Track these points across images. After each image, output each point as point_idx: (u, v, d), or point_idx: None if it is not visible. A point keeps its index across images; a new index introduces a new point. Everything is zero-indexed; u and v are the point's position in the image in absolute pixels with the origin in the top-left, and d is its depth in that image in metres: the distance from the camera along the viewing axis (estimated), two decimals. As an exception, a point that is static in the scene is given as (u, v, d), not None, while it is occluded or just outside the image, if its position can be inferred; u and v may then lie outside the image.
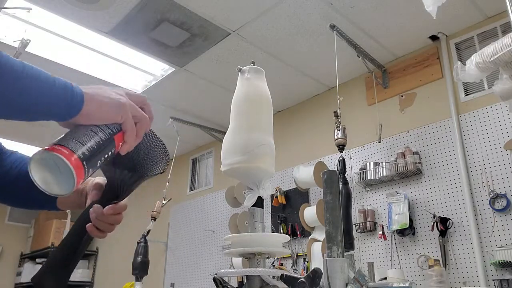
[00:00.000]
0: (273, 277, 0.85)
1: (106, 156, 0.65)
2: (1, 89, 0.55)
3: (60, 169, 0.58)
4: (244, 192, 0.97)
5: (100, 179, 0.86)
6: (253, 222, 0.95)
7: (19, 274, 6.30)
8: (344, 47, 3.12)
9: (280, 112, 4.23)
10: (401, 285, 2.37)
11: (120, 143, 0.68)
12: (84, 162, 0.60)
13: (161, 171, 0.81)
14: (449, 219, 2.75)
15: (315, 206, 3.16)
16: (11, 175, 0.91)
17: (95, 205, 0.79)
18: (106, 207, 0.78)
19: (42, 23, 3.01)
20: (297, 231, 3.56)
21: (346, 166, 2.87)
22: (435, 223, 2.76)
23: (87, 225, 0.79)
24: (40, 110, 0.59)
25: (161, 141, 0.85)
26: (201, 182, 4.99)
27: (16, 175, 0.91)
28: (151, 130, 0.84)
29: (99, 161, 0.63)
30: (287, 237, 0.94)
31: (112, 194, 0.79)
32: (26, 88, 0.57)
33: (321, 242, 3.06)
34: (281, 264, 3.60)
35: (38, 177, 0.59)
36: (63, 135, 0.63)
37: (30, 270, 6.14)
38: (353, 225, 2.92)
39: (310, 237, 3.19)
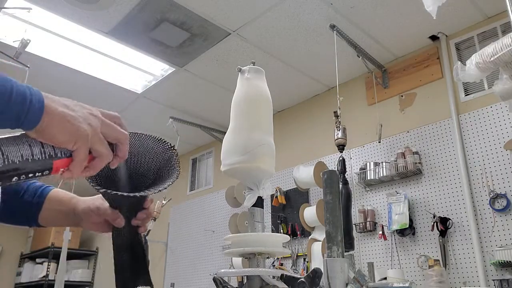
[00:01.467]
0: (273, 277, 0.85)
1: (30, 175, 0.58)
2: None
3: None
4: (244, 192, 0.97)
5: (101, 203, 0.88)
6: (253, 222, 0.95)
7: (19, 274, 6.30)
8: (344, 47, 3.12)
9: (280, 112, 4.23)
10: (401, 285, 2.37)
11: (62, 169, 0.61)
12: None
13: (171, 183, 0.80)
14: (449, 219, 2.75)
15: (315, 206, 3.17)
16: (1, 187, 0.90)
17: (139, 214, 0.83)
18: (140, 214, 0.83)
19: (42, 23, 3.01)
20: (297, 231, 3.56)
21: (346, 166, 2.88)
22: (435, 223, 2.76)
23: (139, 229, 0.83)
24: None
25: (174, 155, 0.84)
26: (201, 182, 4.99)
27: (6, 187, 0.90)
28: (167, 144, 0.83)
29: (16, 178, 0.57)
30: (287, 237, 0.94)
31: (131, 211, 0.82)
32: None
33: (321, 242, 3.06)
34: (281, 264, 3.60)
35: None
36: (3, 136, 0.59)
37: (30, 270, 6.14)
38: (353, 225, 2.92)
39: (310, 237, 3.19)
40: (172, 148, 0.83)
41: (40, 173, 0.59)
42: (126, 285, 0.81)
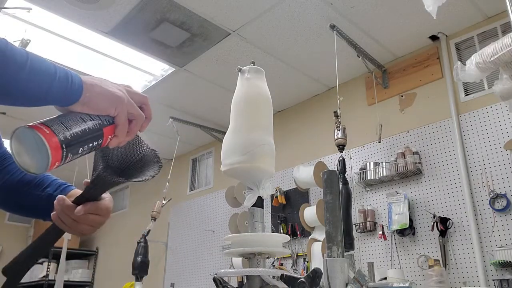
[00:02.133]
0: (273, 277, 0.85)
1: (90, 145, 0.65)
2: (4, 80, 0.56)
3: (39, 148, 0.59)
4: (244, 192, 0.97)
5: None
6: (253, 222, 0.95)
7: (19, 274, 6.29)
8: (344, 47, 3.12)
9: (280, 112, 4.23)
10: (401, 285, 2.37)
11: (110, 137, 0.68)
12: (64, 145, 0.60)
13: (146, 179, 0.80)
14: (449, 219, 2.75)
15: (315, 206, 3.17)
16: (13, 180, 0.91)
17: (59, 196, 0.80)
18: (80, 207, 0.78)
19: (42, 23, 3.01)
20: (297, 231, 3.56)
21: (346, 166, 2.88)
22: (435, 223, 2.76)
23: (52, 213, 0.80)
24: (41, 99, 0.61)
25: (154, 152, 0.84)
26: (201, 182, 4.99)
27: (18, 181, 0.91)
28: (142, 141, 0.83)
29: (81, 149, 0.64)
30: (287, 237, 0.94)
31: (92, 192, 0.80)
32: (29, 81, 0.59)
33: (321, 242, 3.06)
34: (281, 264, 3.60)
35: (17, 150, 0.61)
36: (54, 116, 0.64)
37: (30, 270, 6.13)
38: (353, 225, 2.92)
39: (310, 237, 3.19)
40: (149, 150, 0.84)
41: (96, 142, 0.66)
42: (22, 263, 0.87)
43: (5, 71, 0.56)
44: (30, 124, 0.60)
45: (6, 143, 0.93)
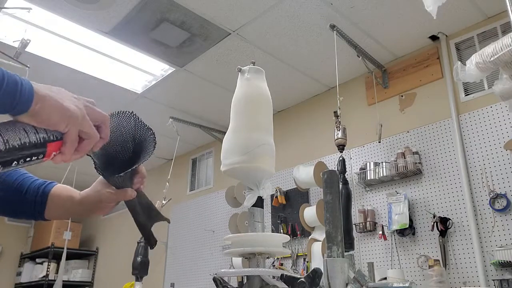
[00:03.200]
0: (273, 277, 0.85)
1: (28, 159, 0.62)
2: None
3: None
4: (244, 192, 0.97)
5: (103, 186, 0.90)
6: (253, 222, 0.95)
7: (19, 274, 6.30)
8: (344, 47, 3.12)
9: (280, 112, 4.23)
10: (401, 285, 2.37)
11: (54, 153, 0.65)
12: None
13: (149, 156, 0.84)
14: (449, 219, 2.75)
15: (315, 206, 3.17)
16: (4, 184, 0.91)
17: (135, 182, 0.88)
18: (136, 179, 0.89)
19: (42, 23, 3.01)
20: (297, 231, 3.56)
21: (346, 166, 2.88)
22: (435, 223, 2.76)
23: (138, 189, 0.90)
24: None
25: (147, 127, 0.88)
26: (201, 182, 4.99)
27: (9, 184, 0.91)
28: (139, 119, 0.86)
29: (15, 162, 0.60)
30: (287, 237, 0.94)
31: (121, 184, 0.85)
32: None
33: (321, 242, 3.06)
34: (281, 264, 3.60)
35: None
36: None
37: (30, 270, 6.14)
38: (353, 225, 2.92)
39: (310, 237, 3.19)
40: (133, 116, 0.86)
41: (35, 157, 0.62)
42: (148, 229, 0.96)
43: None
44: None
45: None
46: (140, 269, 2.77)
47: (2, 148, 0.57)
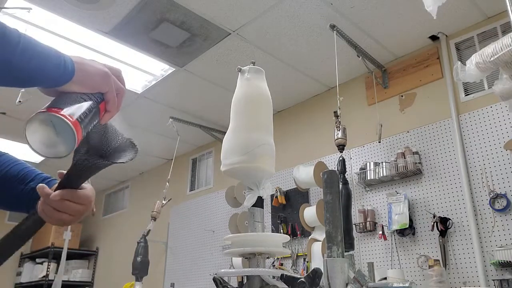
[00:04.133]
0: (273, 277, 0.85)
1: (94, 122, 0.69)
2: None
3: (60, 131, 0.60)
4: (244, 192, 0.97)
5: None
6: (253, 222, 0.95)
7: (19, 274, 6.30)
8: (344, 47, 3.12)
9: (280, 112, 4.23)
10: (401, 285, 2.37)
11: (103, 113, 0.71)
12: (82, 126, 0.63)
13: (125, 161, 0.78)
14: (449, 219, 2.75)
15: (315, 206, 3.16)
16: (6, 175, 0.91)
17: (39, 184, 0.77)
18: (56, 191, 0.75)
19: (42, 23, 3.01)
20: (297, 231, 3.56)
21: (346, 166, 2.87)
22: (435, 223, 2.76)
23: (38, 204, 0.78)
24: (35, 80, 0.64)
25: (129, 139, 0.83)
26: (201, 182, 4.99)
27: (3, 176, 0.91)
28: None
29: (90, 127, 0.67)
30: (287, 237, 0.94)
31: (71, 178, 0.77)
32: (22, 62, 0.60)
33: (321, 242, 3.06)
34: (281, 264, 3.60)
35: (34, 139, 0.61)
36: (54, 100, 0.66)
37: (30, 270, 6.15)
38: (353, 225, 2.92)
39: (310, 237, 3.19)
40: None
41: (96, 120, 0.69)
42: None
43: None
44: (44, 109, 0.62)
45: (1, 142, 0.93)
46: (140, 269, 2.77)
47: (82, 115, 0.64)
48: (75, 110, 0.64)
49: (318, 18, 2.92)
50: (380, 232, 2.99)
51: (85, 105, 0.66)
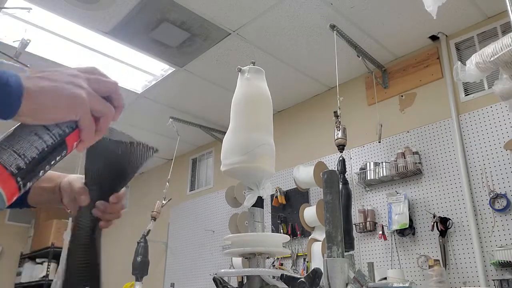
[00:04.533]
0: (273, 277, 0.85)
1: (53, 162, 0.55)
2: None
3: None
4: (244, 192, 0.97)
5: (78, 180, 0.81)
6: (253, 222, 0.95)
7: (19, 274, 6.30)
8: (344, 47, 3.12)
9: (280, 112, 4.23)
10: (401, 285, 2.37)
11: (75, 143, 0.57)
12: (19, 179, 0.50)
13: (147, 160, 0.75)
14: (449, 219, 2.75)
15: (315, 206, 3.16)
16: None
17: (99, 202, 0.75)
18: (111, 197, 0.75)
19: (42, 23, 3.01)
20: (297, 231, 3.56)
21: (346, 166, 2.87)
22: (435, 223, 2.76)
23: (100, 223, 0.76)
24: None
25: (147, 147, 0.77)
26: (201, 182, 4.99)
27: None
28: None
29: (42, 171, 0.53)
30: (287, 237, 0.94)
31: (102, 194, 0.75)
32: None
33: (321, 242, 3.06)
34: (281, 264, 3.60)
35: None
36: (1, 138, 0.53)
37: (30, 270, 6.14)
38: (353, 225, 2.92)
39: (310, 237, 3.19)
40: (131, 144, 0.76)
41: (59, 156, 0.56)
42: (73, 276, 0.73)
43: None
44: None
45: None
46: (140, 269, 2.77)
47: (23, 165, 0.50)
48: (11, 159, 0.49)
49: (318, 18, 2.92)
50: (380, 232, 2.99)
51: (34, 145, 0.51)
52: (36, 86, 0.50)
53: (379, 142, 3.16)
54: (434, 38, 3.18)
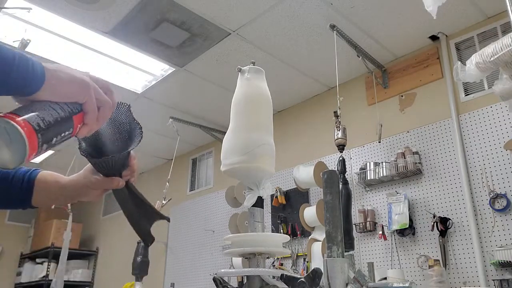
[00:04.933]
0: (273, 277, 0.85)
1: (62, 135, 0.61)
2: None
3: (12, 139, 0.54)
4: (244, 192, 0.97)
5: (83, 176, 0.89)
6: (253, 222, 0.95)
7: (19, 274, 6.30)
8: (344, 47, 3.12)
9: (280, 112, 4.23)
10: (401, 285, 2.37)
11: (79, 126, 0.65)
12: (39, 135, 0.56)
13: (138, 142, 0.82)
14: (449, 219, 2.75)
15: (315, 206, 3.16)
16: None
17: (124, 174, 0.86)
18: (126, 171, 0.86)
19: (42, 23, 3.01)
20: (297, 231, 3.56)
21: (346, 166, 2.87)
22: (435, 223, 2.76)
23: (130, 180, 0.88)
24: (1, 87, 0.57)
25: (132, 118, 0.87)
26: (201, 182, 4.99)
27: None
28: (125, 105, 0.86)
29: (55, 139, 0.60)
30: (287, 237, 0.94)
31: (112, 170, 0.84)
32: None
33: (321, 242, 3.06)
34: (281, 264, 3.60)
35: None
36: (19, 107, 0.60)
37: (30, 270, 6.14)
38: (353, 225, 2.92)
39: (310, 237, 3.19)
40: (126, 105, 0.87)
41: (67, 132, 0.62)
42: (143, 226, 0.90)
43: None
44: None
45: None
46: (140, 269, 2.77)
47: (42, 124, 0.57)
48: (34, 117, 0.56)
49: (318, 18, 2.92)
50: (380, 232, 2.99)
51: (50, 113, 0.59)
52: (54, 70, 0.61)
53: (379, 142, 3.16)
54: (434, 38, 3.18)
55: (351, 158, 3.44)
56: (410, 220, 2.88)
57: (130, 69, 3.60)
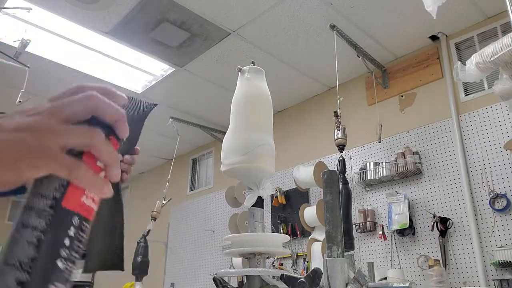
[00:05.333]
0: (273, 277, 0.85)
1: (78, 242, 0.38)
2: None
3: None
4: (244, 192, 0.97)
5: None
6: (253, 222, 0.95)
7: (19, 274, 6.29)
8: (344, 47, 3.12)
9: (280, 112, 4.23)
10: (401, 285, 2.37)
11: (89, 198, 0.38)
12: None
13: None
14: (449, 219, 2.75)
15: (315, 206, 3.16)
16: None
17: (128, 156, 0.66)
18: (126, 157, 0.67)
19: (42, 23, 3.01)
20: (297, 231, 3.56)
21: (346, 166, 2.87)
22: (435, 223, 2.76)
23: (123, 176, 0.68)
24: None
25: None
26: (201, 182, 4.99)
27: None
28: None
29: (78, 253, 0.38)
30: (287, 237, 0.94)
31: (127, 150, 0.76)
32: None
33: (321, 242, 3.06)
34: (281, 264, 3.59)
35: None
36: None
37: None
38: (353, 225, 2.92)
39: (310, 237, 3.19)
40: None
41: (80, 231, 0.38)
42: (108, 244, 0.69)
43: None
44: None
45: None
46: (140, 269, 2.77)
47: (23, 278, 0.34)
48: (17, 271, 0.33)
49: (318, 18, 2.92)
50: (380, 232, 2.99)
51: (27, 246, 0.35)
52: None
53: (379, 142, 3.16)
54: (434, 38, 3.18)
55: (351, 158, 3.44)
56: (410, 220, 2.88)
57: (130, 69, 3.60)
